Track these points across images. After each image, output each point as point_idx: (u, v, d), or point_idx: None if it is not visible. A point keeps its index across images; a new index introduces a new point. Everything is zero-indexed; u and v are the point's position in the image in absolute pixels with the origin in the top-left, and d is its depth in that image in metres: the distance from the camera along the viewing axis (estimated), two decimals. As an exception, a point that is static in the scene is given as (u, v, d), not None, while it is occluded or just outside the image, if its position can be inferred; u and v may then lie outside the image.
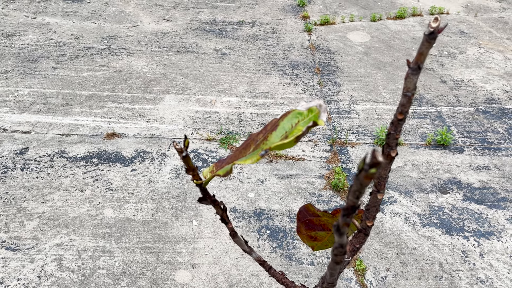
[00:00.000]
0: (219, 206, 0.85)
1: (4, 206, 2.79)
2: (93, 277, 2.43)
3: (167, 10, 5.43)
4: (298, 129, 0.65)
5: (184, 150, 0.75)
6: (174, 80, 4.10)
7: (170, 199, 2.91)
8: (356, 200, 0.49)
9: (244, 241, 0.92)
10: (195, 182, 0.78)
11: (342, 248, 0.59)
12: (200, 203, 0.82)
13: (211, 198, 0.83)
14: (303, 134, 0.66)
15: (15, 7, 5.19)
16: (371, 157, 0.44)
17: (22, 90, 3.82)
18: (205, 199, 0.83)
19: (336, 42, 4.94)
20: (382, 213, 2.91)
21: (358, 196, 0.48)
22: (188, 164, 0.77)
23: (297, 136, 0.64)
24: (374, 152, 0.44)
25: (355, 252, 0.89)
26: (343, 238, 0.57)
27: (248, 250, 0.92)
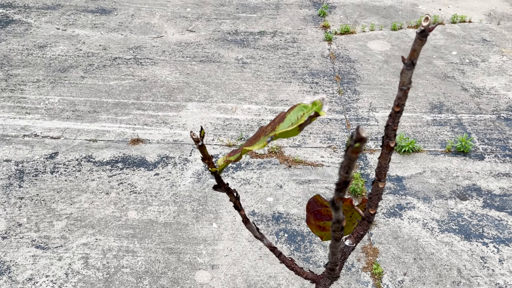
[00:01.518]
0: (233, 193, 0.93)
1: (34, 207, 2.94)
2: (117, 275, 2.53)
3: (191, 21, 5.60)
4: (302, 119, 0.72)
5: (200, 140, 0.83)
6: (196, 88, 4.22)
7: (191, 202, 3.00)
8: (347, 175, 0.56)
9: (256, 228, 0.99)
10: (210, 169, 0.86)
11: (339, 223, 0.66)
12: (215, 191, 0.89)
13: (225, 186, 0.91)
14: (306, 123, 0.73)
15: (47, 20, 5.45)
16: (356, 133, 0.51)
17: (52, 98, 4.01)
18: (220, 186, 0.91)
19: (356, 51, 4.99)
20: (400, 219, 2.92)
21: (348, 171, 0.55)
22: (204, 153, 0.85)
23: (300, 124, 0.71)
24: (359, 129, 0.51)
25: (360, 238, 0.95)
26: (339, 213, 0.64)
27: (259, 236, 1.00)
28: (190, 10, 5.90)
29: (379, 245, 2.75)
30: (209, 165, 0.85)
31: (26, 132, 3.59)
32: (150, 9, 5.89)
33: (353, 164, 0.54)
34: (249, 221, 0.97)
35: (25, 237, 2.73)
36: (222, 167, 0.85)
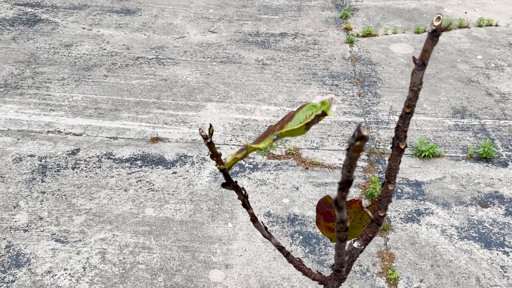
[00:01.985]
0: (241, 192, 0.94)
1: (56, 201, 3.01)
2: (132, 271, 2.57)
3: (213, 22, 5.64)
4: (309, 118, 0.72)
5: (209, 137, 0.84)
6: (216, 89, 4.25)
7: (208, 201, 3.02)
8: (349, 174, 0.56)
9: (264, 227, 0.99)
10: (219, 167, 0.87)
11: (343, 223, 0.66)
12: (224, 188, 0.90)
13: (234, 184, 0.92)
14: (313, 122, 0.73)
15: (73, 20, 5.58)
16: (357, 132, 0.51)
17: (76, 96, 4.10)
18: (228, 184, 0.91)
19: (378, 54, 4.94)
20: (418, 224, 2.88)
21: (350, 169, 0.55)
22: (212, 150, 0.86)
23: (307, 123, 0.71)
24: (360, 128, 0.51)
25: (368, 241, 0.94)
26: (343, 213, 0.63)
27: (267, 235, 1.00)
28: (213, 11, 5.95)
29: (395, 250, 2.71)
30: (218, 162, 0.86)
31: (50, 128, 3.68)
32: (173, 10, 5.96)
33: (355, 163, 0.54)
34: (257, 220, 0.97)
35: (45, 231, 2.80)
36: (230, 165, 0.85)
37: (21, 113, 3.84)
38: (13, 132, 3.62)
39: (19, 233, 2.77)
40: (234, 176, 3.23)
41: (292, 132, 0.71)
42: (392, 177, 0.85)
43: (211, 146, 0.85)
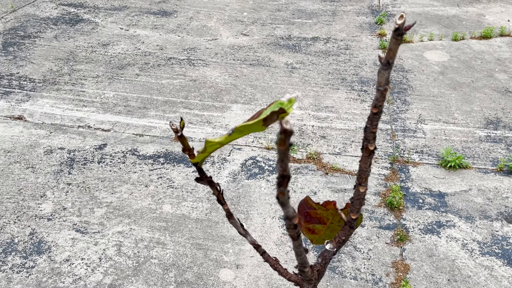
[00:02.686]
0: (216, 187, 0.94)
1: (79, 193, 3.12)
2: (145, 265, 2.63)
3: (246, 25, 5.69)
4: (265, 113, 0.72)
5: (180, 131, 0.85)
6: (243, 91, 4.28)
7: (224, 201, 3.04)
8: (282, 169, 0.56)
9: (240, 224, 1.00)
10: (191, 160, 0.88)
11: (289, 220, 0.65)
12: (197, 182, 0.91)
13: (207, 179, 0.93)
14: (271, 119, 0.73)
15: (113, 20, 5.78)
16: (280, 126, 0.51)
17: (108, 93, 4.25)
18: (202, 179, 0.92)
19: (411, 61, 4.82)
20: (437, 236, 2.78)
21: (282, 165, 0.55)
22: (184, 144, 0.87)
23: (264, 118, 0.71)
24: (281, 122, 0.51)
25: (341, 243, 0.93)
26: (287, 208, 0.63)
27: (243, 233, 1.00)
28: (247, 15, 6.00)
29: (411, 261, 2.63)
30: (190, 156, 0.87)
31: (81, 123, 3.83)
32: (209, 12, 6.06)
33: (286, 157, 0.54)
34: (233, 216, 0.98)
35: (67, 221, 2.91)
36: (201, 159, 0.86)
37: (56, 107, 4.02)
38: (47, 126, 3.79)
39: (43, 222, 2.90)
40: (253, 178, 3.25)
41: (249, 127, 0.71)
42: (362, 179, 0.83)
43: (183, 140, 0.86)
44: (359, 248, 2.72)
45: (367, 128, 0.80)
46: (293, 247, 0.75)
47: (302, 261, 0.81)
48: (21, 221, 2.89)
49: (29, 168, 3.32)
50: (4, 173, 3.27)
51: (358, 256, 2.67)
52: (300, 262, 0.82)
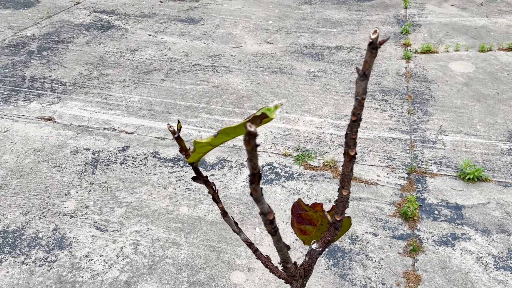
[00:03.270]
0: (211, 186, 1.01)
1: (101, 193, 3.25)
2: (160, 264, 2.71)
3: (270, 33, 5.77)
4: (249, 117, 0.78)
5: (177, 132, 0.92)
6: (264, 97, 4.35)
7: (240, 205, 3.11)
8: (251, 167, 0.61)
9: (234, 222, 1.05)
10: (187, 160, 0.95)
11: (264, 215, 0.71)
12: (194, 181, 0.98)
13: (203, 178, 0.99)
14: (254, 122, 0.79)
15: (142, 27, 5.97)
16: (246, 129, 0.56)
17: (133, 97, 4.40)
18: (198, 178, 0.99)
19: (435, 71, 4.78)
20: (451, 248, 2.75)
21: (251, 163, 0.61)
22: (181, 145, 0.94)
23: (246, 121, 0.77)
24: (246, 125, 0.56)
25: (327, 244, 0.97)
26: (262, 204, 0.69)
27: (237, 230, 1.06)
28: (272, 23, 6.09)
29: (423, 272, 2.62)
30: (186, 156, 0.94)
31: (106, 125, 3.99)
32: (235, 20, 6.18)
33: (254, 156, 0.60)
34: (227, 214, 1.04)
35: (89, 218, 3.03)
36: (196, 159, 0.93)
37: (84, 110, 4.19)
38: (74, 127, 3.96)
39: (66, 219, 3.03)
40: (269, 183, 3.30)
41: (234, 130, 0.77)
42: (345, 183, 0.88)
43: (179, 141, 0.93)
44: (370, 257, 2.73)
45: (347, 134, 0.84)
46: (273, 242, 0.80)
47: (284, 256, 0.86)
48: (45, 217, 3.03)
49: (56, 167, 3.48)
50: (33, 171, 3.43)
51: (369, 264, 2.68)
52: (282, 258, 0.87)
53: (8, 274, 2.64)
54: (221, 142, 0.86)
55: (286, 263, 0.88)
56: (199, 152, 0.91)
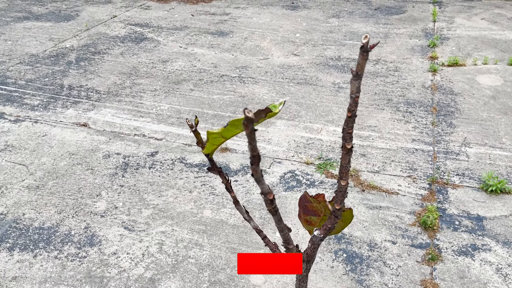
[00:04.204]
0: (224, 177, 1.12)
1: (130, 195, 3.41)
2: (183, 263, 2.83)
3: (297, 46, 5.89)
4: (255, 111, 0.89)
5: (194, 126, 1.04)
6: (288, 107, 4.45)
7: (261, 210, 3.20)
8: (250, 149, 0.72)
9: (245, 210, 1.16)
10: (203, 151, 1.07)
11: (264, 195, 0.81)
12: (209, 172, 1.09)
13: (218, 169, 1.10)
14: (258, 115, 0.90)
15: (173, 39, 6.22)
16: (244, 114, 0.67)
17: (163, 105, 4.59)
18: (213, 169, 1.10)
19: (462, 84, 4.76)
20: (471, 259, 2.75)
21: (250, 146, 0.71)
22: (197, 137, 1.06)
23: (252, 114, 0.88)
24: (244, 111, 0.67)
25: (328, 231, 1.06)
26: (262, 185, 0.79)
27: (248, 218, 1.16)
28: (299, 36, 6.21)
29: (441, 281, 2.63)
30: (202, 148, 1.05)
31: (137, 132, 4.18)
32: (263, 33, 6.34)
33: (252, 140, 0.70)
34: (239, 203, 1.14)
35: (117, 218, 3.19)
36: (211, 151, 1.04)
37: (116, 117, 4.41)
38: (107, 133, 4.17)
39: (97, 218, 3.20)
40: (290, 190, 3.38)
41: (240, 121, 0.88)
42: (343, 174, 0.97)
43: (196, 134, 1.05)
44: (388, 264, 2.76)
45: (344, 129, 0.94)
46: (276, 223, 0.90)
47: (285, 237, 0.95)
48: (78, 216, 3.22)
49: (89, 169, 3.68)
50: (68, 172, 3.64)
51: (386, 271, 2.71)
52: (284, 239, 0.96)
53: (42, 267, 2.82)
54: (232, 134, 0.97)
55: (287, 243, 0.98)
56: (213, 143, 1.02)
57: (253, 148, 0.71)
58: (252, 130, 0.68)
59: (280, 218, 0.89)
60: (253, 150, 0.71)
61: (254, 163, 0.73)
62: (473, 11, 7.07)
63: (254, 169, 0.74)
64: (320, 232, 1.05)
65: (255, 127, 0.69)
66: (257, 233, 1.16)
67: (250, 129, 0.68)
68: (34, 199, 3.36)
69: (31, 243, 2.99)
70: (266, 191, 0.80)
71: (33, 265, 2.82)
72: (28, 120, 4.36)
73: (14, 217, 3.19)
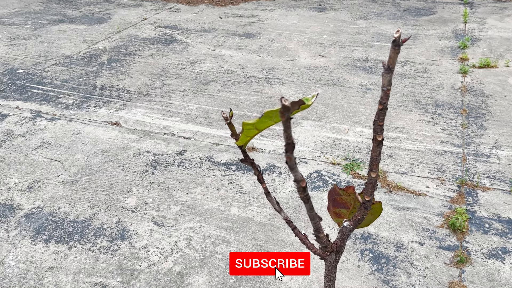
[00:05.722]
0: (256, 168, 1.16)
1: (160, 191, 3.50)
2: (210, 259, 2.89)
3: (324, 47, 5.90)
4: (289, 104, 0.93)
5: (229, 119, 1.09)
6: (315, 108, 4.47)
7: (287, 209, 3.24)
8: (285, 137, 0.76)
9: (276, 201, 1.20)
10: (236, 143, 1.11)
11: (297, 183, 0.85)
12: (242, 163, 1.14)
13: (250, 160, 1.15)
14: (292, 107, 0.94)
15: (202, 41, 6.33)
16: (281, 103, 0.71)
17: (192, 105, 4.68)
18: (246, 160, 1.15)
19: (493, 86, 4.67)
20: (501, 262, 2.71)
21: (285, 134, 0.75)
22: (232, 130, 1.11)
23: (286, 107, 0.92)
24: (281, 99, 0.71)
25: (357, 222, 1.09)
26: (295, 172, 0.83)
27: (278, 209, 1.20)
28: (326, 37, 6.22)
29: (470, 283, 2.60)
30: (236, 139, 1.10)
31: (166, 131, 4.28)
32: (290, 34, 6.38)
33: (288, 127, 0.74)
34: (270, 194, 1.18)
35: (147, 214, 3.29)
36: (245, 142, 1.09)
37: (147, 116, 4.52)
38: (138, 131, 4.29)
39: (128, 213, 3.30)
40: (316, 190, 3.40)
41: (276, 113, 0.92)
42: (373, 166, 1.00)
43: (231, 126, 1.10)
44: (415, 265, 2.75)
45: (375, 122, 0.97)
46: (307, 211, 0.93)
47: (316, 226, 0.99)
48: (110, 211, 3.32)
49: (120, 166, 3.79)
50: (100, 169, 3.77)
51: (414, 272, 2.70)
52: (315, 227, 1.00)
53: (76, 258, 2.93)
54: (265, 126, 1.01)
55: (318, 232, 1.01)
56: (246, 135, 1.07)
57: (288, 136, 0.75)
58: (288, 118, 0.72)
59: (312, 206, 0.92)
60: (288, 138, 0.75)
61: (288, 150, 0.77)
62: (505, 12, 6.92)
63: (288, 156, 0.78)
64: (349, 223, 1.08)
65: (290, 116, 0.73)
66: (287, 224, 1.20)
67: (286, 117, 0.72)
68: (68, 194, 3.49)
69: (66, 235, 3.11)
70: (300, 178, 0.84)
71: (68, 257, 2.94)
72: (63, 118, 4.53)
73: (50, 211, 3.33)
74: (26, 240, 3.08)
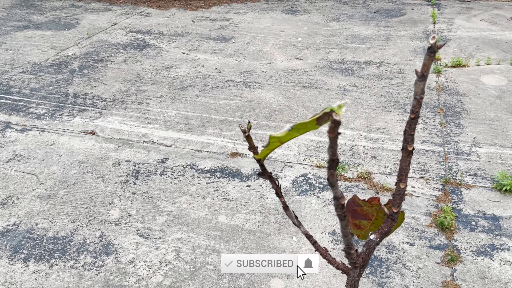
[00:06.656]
0: (275, 181, 1.11)
1: (143, 202, 3.39)
2: (201, 270, 2.81)
3: (300, 49, 5.91)
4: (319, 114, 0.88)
5: (247, 131, 1.03)
6: (296, 111, 4.46)
7: (276, 214, 3.19)
8: (331, 154, 0.71)
9: (294, 215, 1.15)
10: (255, 157, 1.06)
11: (337, 200, 0.80)
12: (259, 177, 1.08)
13: (268, 174, 1.10)
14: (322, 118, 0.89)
15: (175, 45, 6.21)
16: (331, 118, 0.66)
17: (170, 112, 4.57)
18: (263, 174, 1.09)
19: (467, 85, 4.79)
20: (490, 259, 2.76)
21: (331, 150, 0.71)
22: (250, 143, 1.05)
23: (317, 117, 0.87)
24: (333, 114, 0.66)
25: (384, 235, 1.05)
26: (335, 190, 0.78)
27: (297, 223, 1.15)
28: (301, 40, 6.23)
29: (462, 282, 2.63)
30: (254, 153, 1.05)
31: (145, 139, 4.16)
32: (265, 38, 6.35)
33: (335, 143, 0.69)
34: (288, 208, 1.13)
35: (132, 226, 3.17)
36: (264, 156, 1.03)
37: (124, 124, 4.39)
38: (116, 140, 4.15)
39: (111, 226, 3.18)
40: (303, 194, 3.37)
41: (305, 125, 0.87)
42: (403, 176, 0.96)
43: (249, 139, 1.04)
44: (408, 266, 2.76)
45: (406, 131, 0.94)
46: (340, 227, 0.89)
47: (348, 242, 0.94)
48: (92, 225, 3.19)
49: (100, 177, 3.65)
50: (78, 181, 3.61)
51: (407, 273, 2.71)
52: (347, 244, 0.95)
53: (59, 277, 2.78)
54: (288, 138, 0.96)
55: (349, 249, 0.97)
56: (268, 148, 1.01)
57: (334, 152, 0.70)
58: (337, 134, 0.68)
59: (347, 223, 0.88)
60: (333, 154, 0.71)
61: (332, 167, 0.72)
62: (471, 12, 7.14)
63: (331, 173, 0.74)
64: (376, 236, 1.04)
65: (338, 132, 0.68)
66: (307, 238, 1.15)
67: (335, 133, 0.67)
68: (46, 209, 3.32)
69: (46, 253, 2.95)
70: (339, 196, 0.79)
71: (50, 276, 2.79)
72: (35, 129, 4.33)
73: (27, 227, 3.16)
74: (3, 260, 2.90)
